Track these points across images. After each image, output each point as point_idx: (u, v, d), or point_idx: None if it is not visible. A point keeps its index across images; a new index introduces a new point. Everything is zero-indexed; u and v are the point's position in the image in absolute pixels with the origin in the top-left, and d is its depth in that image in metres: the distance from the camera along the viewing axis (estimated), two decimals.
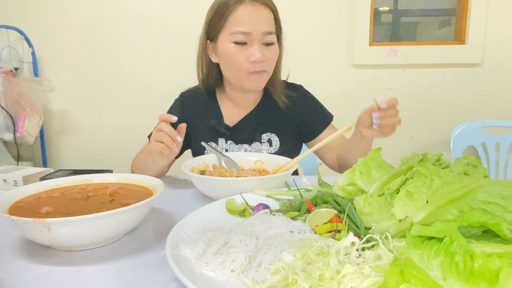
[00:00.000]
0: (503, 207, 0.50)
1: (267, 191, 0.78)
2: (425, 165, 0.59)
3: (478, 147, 1.85)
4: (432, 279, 0.39)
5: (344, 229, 0.57)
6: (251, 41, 1.02)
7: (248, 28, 1.01)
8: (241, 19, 1.01)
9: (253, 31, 1.01)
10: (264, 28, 1.02)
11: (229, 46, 1.03)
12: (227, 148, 1.17)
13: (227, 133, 1.17)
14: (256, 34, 1.01)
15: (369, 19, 2.08)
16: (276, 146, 1.16)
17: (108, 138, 2.29)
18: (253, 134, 1.17)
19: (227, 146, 1.17)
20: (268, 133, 1.17)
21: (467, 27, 2.07)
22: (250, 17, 1.01)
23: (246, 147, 1.16)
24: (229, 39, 1.03)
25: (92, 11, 2.16)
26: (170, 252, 0.51)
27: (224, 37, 1.04)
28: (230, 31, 1.02)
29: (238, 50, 1.03)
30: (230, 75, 1.10)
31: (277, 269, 0.46)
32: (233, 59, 1.04)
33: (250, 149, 1.16)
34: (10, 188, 0.98)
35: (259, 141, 1.17)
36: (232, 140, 1.17)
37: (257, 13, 1.02)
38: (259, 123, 1.18)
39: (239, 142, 1.17)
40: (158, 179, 0.74)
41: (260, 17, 1.02)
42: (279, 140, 1.17)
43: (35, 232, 0.56)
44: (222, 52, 1.06)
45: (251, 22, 1.01)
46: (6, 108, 1.91)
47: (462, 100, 2.16)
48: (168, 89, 2.25)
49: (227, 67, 1.08)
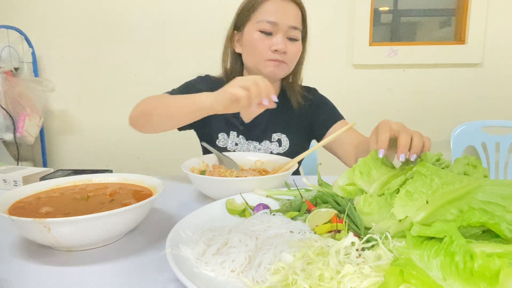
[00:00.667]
0: (503, 207, 0.50)
1: (267, 191, 0.78)
2: (425, 165, 0.59)
3: (478, 147, 1.85)
4: (432, 279, 0.39)
5: (344, 229, 0.57)
6: (276, 32, 1.05)
7: (275, 18, 1.03)
8: (269, 9, 1.04)
9: (279, 22, 1.03)
10: (290, 22, 1.04)
11: (254, 34, 1.06)
12: (237, 142, 1.17)
13: (240, 128, 1.17)
14: (282, 26, 1.04)
15: (369, 19, 2.08)
16: (286, 146, 1.17)
17: (108, 138, 2.29)
18: (265, 133, 1.18)
19: (237, 140, 1.17)
20: (279, 133, 1.18)
21: (467, 27, 2.07)
22: (278, 8, 1.04)
23: (256, 144, 1.17)
24: (255, 27, 1.06)
25: (92, 11, 2.16)
26: (170, 252, 0.51)
27: (250, 26, 1.07)
28: (257, 20, 1.05)
29: (262, 38, 1.05)
30: (249, 62, 1.11)
31: (277, 269, 0.46)
32: (256, 45, 1.06)
33: (259, 147, 1.17)
34: (10, 188, 0.98)
35: (269, 140, 1.17)
36: (244, 135, 1.17)
37: (285, 7, 1.05)
38: (271, 122, 1.18)
39: (250, 139, 1.17)
40: (158, 179, 0.74)
41: (288, 11, 1.05)
42: (289, 141, 1.17)
43: (35, 232, 0.56)
44: (247, 39, 1.08)
45: (279, 13, 1.04)
46: (6, 108, 1.91)
47: (462, 100, 2.16)
48: (168, 89, 2.26)
49: (249, 54, 1.10)
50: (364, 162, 0.72)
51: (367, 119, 2.15)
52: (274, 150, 1.16)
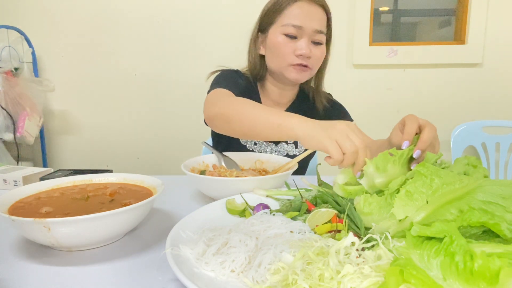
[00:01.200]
0: (503, 207, 0.50)
1: (267, 191, 0.78)
2: (425, 165, 0.59)
3: (478, 147, 1.85)
4: (432, 279, 0.39)
5: (344, 229, 0.57)
6: (301, 36, 1.04)
7: (300, 22, 1.02)
8: (295, 13, 1.03)
9: (304, 25, 1.02)
10: (315, 26, 1.03)
11: (279, 37, 1.05)
12: (256, 142, 1.17)
13: None
14: (306, 30, 1.03)
15: (369, 19, 2.08)
16: (302, 148, 1.18)
17: (108, 138, 2.29)
18: None
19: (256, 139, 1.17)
20: None
21: (467, 27, 2.07)
22: (304, 12, 1.03)
23: (273, 146, 1.18)
24: (280, 31, 1.05)
25: (92, 11, 2.16)
26: (170, 252, 0.51)
27: (275, 29, 1.06)
28: (282, 23, 1.04)
29: (286, 42, 1.04)
30: (273, 65, 1.10)
31: (277, 269, 0.46)
32: (280, 49, 1.05)
33: (276, 148, 1.17)
34: (10, 188, 0.98)
35: (286, 142, 1.18)
36: None
37: (311, 11, 1.03)
38: None
39: (268, 140, 1.17)
40: (158, 179, 0.74)
41: (314, 15, 1.04)
42: None
43: (35, 232, 0.56)
44: (271, 42, 1.07)
45: (304, 17, 1.03)
46: (6, 108, 1.91)
47: (462, 100, 2.16)
48: (168, 89, 2.26)
49: (272, 57, 1.09)
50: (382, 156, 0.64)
51: (367, 119, 2.16)
52: (290, 152, 1.17)
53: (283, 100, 1.20)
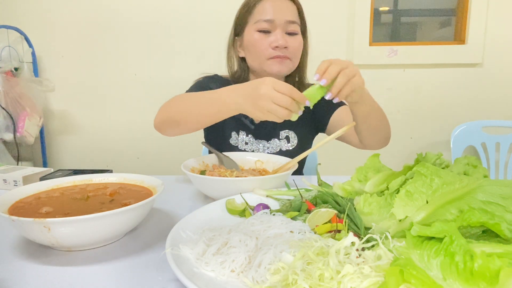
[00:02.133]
0: (503, 207, 0.50)
1: (267, 191, 0.78)
2: (425, 165, 0.59)
3: (478, 147, 1.85)
4: (432, 279, 0.39)
5: (344, 229, 0.57)
6: (274, 29, 1.06)
7: (271, 15, 1.05)
8: (264, 8, 1.06)
9: (275, 18, 1.05)
10: (287, 16, 1.06)
11: (254, 34, 1.07)
12: (247, 141, 1.17)
13: (251, 127, 1.18)
14: (279, 22, 1.05)
15: (369, 19, 2.08)
16: (294, 143, 1.18)
17: (108, 138, 2.29)
18: (273, 131, 1.18)
19: (247, 139, 1.17)
20: (286, 130, 1.18)
21: (467, 27, 2.07)
22: (273, 6, 1.06)
23: (265, 143, 1.17)
24: (253, 28, 1.07)
25: (92, 11, 2.16)
26: (170, 252, 0.51)
27: (249, 28, 1.09)
28: (254, 21, 1.07)
29: (261, 37, 1.07)
30: (254, 63, 1.12)
31: (277, 269, 0.46)
32: (257, 45, 1.07)
33: (268, 145, 1.17)
34: (10, 188, 0.98)
35: (278, 138, 1.18)
36: (253, 135, 1.18)
37: (280, 4, 1.06)
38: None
39: (259, 138, 1.18)
40: (158, 179, 0.74)
41: (284, 7, 1.07)
42: (297, 136, 1.18)
43: (35, 232, 0.56)
44: (247, 41, 1.09)
45: (274, 11, 1.05)
46: (6, 108, 1.91)
47: (462, 100, 2.16)
48: (168, 89, 2.26)
49: (251, 56, 1.11)
50: (360, 170, 0.72)
51: None
52: (283, 147, 1.17)
53: None
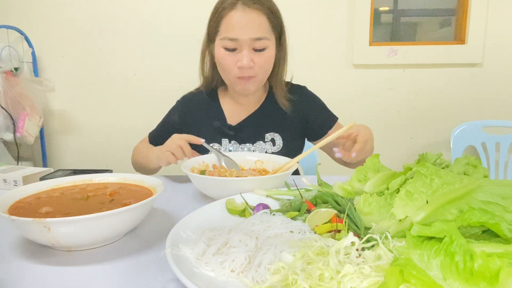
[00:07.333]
0: (503, 207, 0.50)
1: (267, 191, 0.78)
2: (425, 165, 0.59)
3: (478, 147, 1.85)
4: (432, 279, 0.39)
5: (344, 229, 0.57)
6: (240, 47, 1.03)
7: (235, 34, 1.01)
8: (230, 24, 1.01)
9: (240, 37, 1.01)
10: (253, 34, 1.01)
11: (220, 51, 1.05)
12: (230, 148, 1.17)
13: (230, 133, 1.17)
14: (244, 40, 1.01)
15: (369, 19, 2.08)
16: (280, 145, 1.17)
17: (108, 138, 2.29)
18: (257, 134, 1.17)
19: (230, 146, 1.17)
20: (272, 132, 1.18)
21: (467, 27, 2.07)
22: (239, 22, 1.00)
23: (250, 146, 1.17)
24: (219, 44, 1.05)
25: (92, 11, 2.16)
26: (170, 252, 0.51)
27: (218, 41, 1.06)
28: (221, 36, 1.04)
29: (227, 55, 1.04)
30: (223, 77, 1.13)
31: (277, 269, 0.46)
32: (222, 63, 1.06)
33: (253, 148, 1.17)
34: (10, 188, 0.98)
35: (263, 140, 1.17)
36: (236, 140, 1.17)
37: (246, 19, 1.00)
38: (262, 122, 1.18)
39: (243, 142, 1.17)
40: (158, 179, 0.74)
41: (250, 23, 1.00)
42: (283, 139, 1.17)
43: (35, 232, 0.56)
44: (216, 55, 1.08)
45: (240, 28, 1.00)
46: (6, 108, 1.91)
47: (462, 100, 2.15)
48: (168, 89, 2.25)
49: (220, 70, 1.11)
50: (360, 170, 0.72)
51: (367, 119, 2.16)
52: (268, 150, 1.16)
53: (251, 101, 1.20)
